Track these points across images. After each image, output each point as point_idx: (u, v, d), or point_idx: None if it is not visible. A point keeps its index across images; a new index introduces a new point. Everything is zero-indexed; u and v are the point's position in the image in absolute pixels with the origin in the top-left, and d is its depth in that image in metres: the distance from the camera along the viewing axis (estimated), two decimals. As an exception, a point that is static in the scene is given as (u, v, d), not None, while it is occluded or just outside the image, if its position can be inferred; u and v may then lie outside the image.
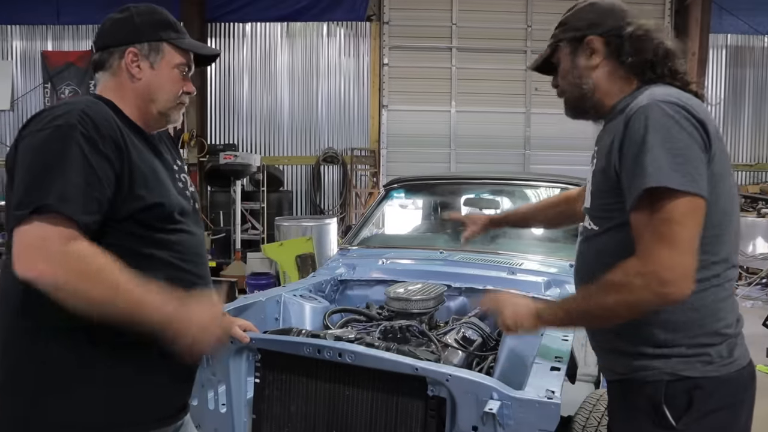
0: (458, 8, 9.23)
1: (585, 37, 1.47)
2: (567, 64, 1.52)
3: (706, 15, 8.88)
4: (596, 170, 1.44)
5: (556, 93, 1.59)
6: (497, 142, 9.29)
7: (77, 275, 1.24)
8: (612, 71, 1.47)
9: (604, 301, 1.31)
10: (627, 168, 1.29)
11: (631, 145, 1.28)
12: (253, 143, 9.55)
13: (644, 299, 1.26)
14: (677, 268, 1.22)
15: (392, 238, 3.96)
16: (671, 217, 1.23)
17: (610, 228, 1.41)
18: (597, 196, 1.44)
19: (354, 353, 1.77)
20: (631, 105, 1.34)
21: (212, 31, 9.47)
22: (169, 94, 1.52)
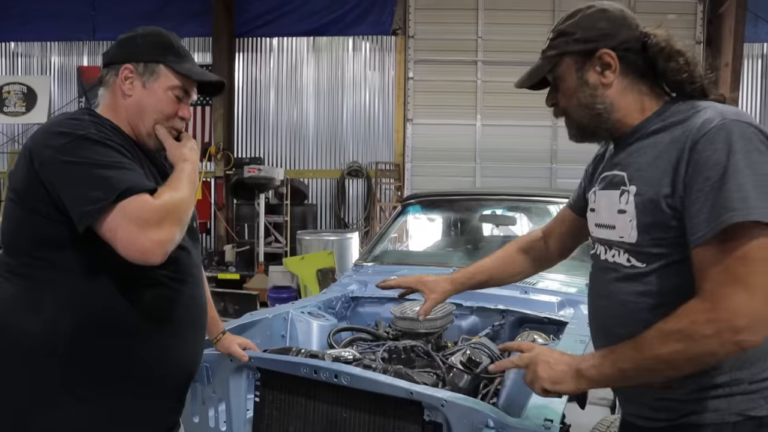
0: (484, 21, 9.20)
1: (597, 50, 1.28)
2: (573, 82, 1.31)
3: (740, 24, 8.64)
4: (643, 200, 1.23)
5: (553, 112, 1.40)
6: (523, 156, 9.18)
7: (180, 215, 1.35)
8: (629, 87, 1.30)
9: (661, 353, 1.11)
10: (699, 197, 1.11)
11: (704, 171, 1.11)
12: (278, 157, 9.65)
13: (712, 350, 1.08)
14: (756, 314, 1.05)
15: (407, 255, 3.93)
16: (748, 256, 1.06)
17: (663, 266, 1.21)
18: (648, 229, 1.22)
19: (350, 375, 1.74)
20: (689, 125, 1.18)
21: (240, 46, 9.64)
22: (159, 114, 1.52)
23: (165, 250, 1.31)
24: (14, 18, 9.78)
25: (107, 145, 1.35)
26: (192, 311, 1.57)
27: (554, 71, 1.35)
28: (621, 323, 1.29)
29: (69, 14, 9.56)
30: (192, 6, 9.40)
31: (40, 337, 1.35)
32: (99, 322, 1.38)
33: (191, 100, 1.60)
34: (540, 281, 2.93)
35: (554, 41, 1.34)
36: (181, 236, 1.37)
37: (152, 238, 1.28)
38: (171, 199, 1.34)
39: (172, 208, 1.33)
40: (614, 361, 1.19)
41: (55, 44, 10.02)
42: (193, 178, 1.48)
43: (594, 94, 1.30)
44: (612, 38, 1.28)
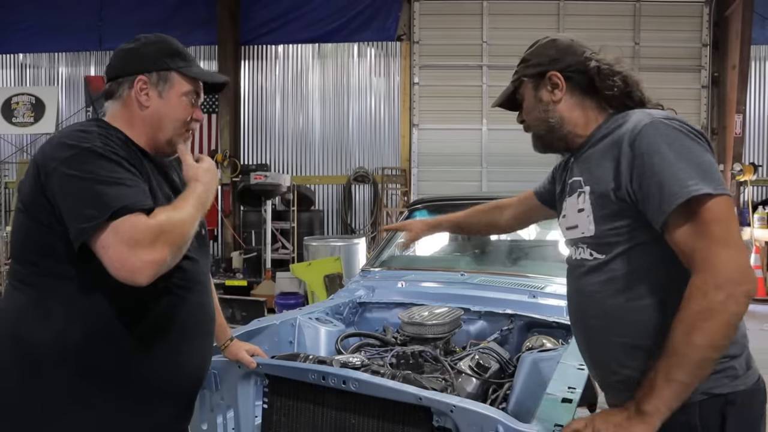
0: (488, 26, 9.22)
1: (546, 72, 1.49)
2: (531, 100, 1.53)
3: (747, 26, 8.61)
4: (596, 196, 1.39)
5: (523, 128, 1.61)
6: (530, 159, 8.99)
7: (175, 237, 1.31)
8: (577, 103, 1.49)
9: (697, 341, 1.16)
10: (651, 185, 1.25)
11: (648, 161, 1.26)
12: (284, 163, 9.68)
13: (735, 310, 1.16)
14: (743, 263, 1.18)
15: (414, 260, 3.91)
16: (719, 218, 1.19)
17: (621, 252, 1.35)
18: (603, 221, 1.37)
19: (358, 381, 1.73)
20: (624, 128, 1.34)
21: (246, 54, 9.69)
22: (177, 122, 1.54)
23: (154, 271, 1.28)
24: (23, 30, 9.90)
25: (111, 159, 1.34)
26: (199, 318, 1.57)
27: (517, 92, 1.57)
28: (592, 314, 1.42)
29: (76, 25, 9.66)
30: (198, 14, 9.47)
31: (51, 346, 1.36)
32: (107, 330, 1.38)
33: (200, 101, 1.61)
34: (548, 285, 2.91)
35: (518, 67, 1.57)
36: (176, 256, 1.34)
37: (142, 258, 1.25)
38: (168, 219, 1.32)
39: (167, 229, 1.30)
40: (666, 378, 1.19)
41: (62, 55, 10.11)
42: (203, 199, 1.45)
43: (546, 110, 1.50)
44: (558, 62, 1.49)
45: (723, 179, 1.23)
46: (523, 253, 3.61)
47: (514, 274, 3.12)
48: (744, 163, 8.66)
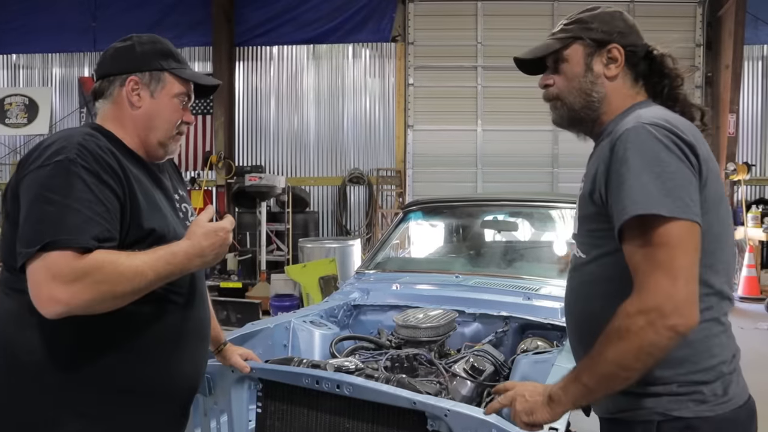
0: (483, 27, 9.22)
1: (610, 42, 1.37)
2: (579, 67, 1.39)
3: (740, 26, 8.65)
4: (582, 195, 1.34)
5: (544, 94, 1.45)
6: (524, 160, 9.17)
7: (97, 286, 1.26)
8: (624, 87, 1.39)
9: (608, 355, 1.15)
10: (614, 194, 1.20)
11: (616, 170, 1.20)
12: (279, 164, 9.66)
13: (651, 340, 1.11)
14: (679, 296, 1.10)
15: (409, 262, 3.91)
16: (667, 242, 1.13)
17: (598, 256, 1.31)
18: (584, 222, 1.35)
19: (352, 385, 1.73)
20: (617, 127, 1.27)
21: (240, 55, 9.67)
22: (168, 123, 1.52)
23: (62, 310, 1.24)
24: (16, 30, 9.83)
25: (79, 175, 1.30)
26: (194, 324, 1.56)
27: (560, 52, 1.41)
28: (569, 311, 1.42)
29: (70, 26, 9.61)
30: (192, 16, 9.44)
31: (41, 354, 1.34)
32: (98, 337, 1.37)
33: (191, 103, 1.60)
34: (542, 287, 2.92)
35: (569, 26, 1.42)
36: (104, 303, 1.28)
37: (53, 294, 1.23)
38: (99, 266, 1.26)
39: (93, 274, 1.25)
40: (576, 377, 1.23)
41: (56, 56, 10.06)
42: (178, 261, 1.37)
43: (595, 82, 1.38)
44: (624, 38, 1.38)
45: (694, 204, 1.15)
46: (518, 255, 3.61)
47: (509, 276, 3.13)
48: (737, 163, 8.70)
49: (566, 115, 1.43)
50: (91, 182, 1.31)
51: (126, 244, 1.38)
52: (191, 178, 9.30)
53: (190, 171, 9.47)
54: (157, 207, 1.47)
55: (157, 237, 1.42)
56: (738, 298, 8.06)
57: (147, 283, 1.32)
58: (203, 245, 1.40)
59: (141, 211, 1.39)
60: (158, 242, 1.42)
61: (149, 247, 1.41)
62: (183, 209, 1.62)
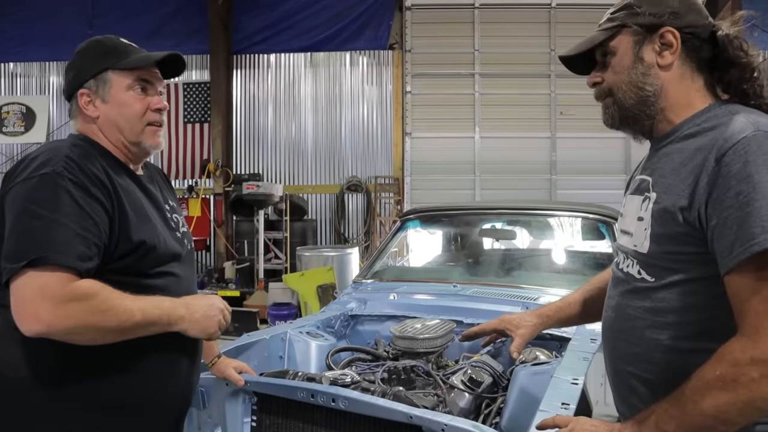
0: (480, 34, 9.23)
1: (661, 26, 1.18)
2: (628, 57, 1.21)
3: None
4: (659, 209, 1.14)
5: (595, 93, 1.29)
6: (523, 167, 9.16)
7: (84, 314, 1.23)
8: (684, 76, 1.20)
9: (706, 407, 0.99)
10: (726, 216, 1.01)
11: (732, 186, 1.01)
12: (277, 172, 9.64)
13: (763, 394, 0.96)
14: None
15: (406, 271, 3.89)
16: None
17: (676, 282, 1.12)
18: (661, 241, 1.14)
19: (348, 399, 1.70)
20: (717, 131, 1.08)
21: (238, 63, 9.67)
22: (131, 119, 1.47)
23: (38, 330, 1.21)
24: (13, 39, 9.84)
25: (66, 188, 1.28)
26: (184, 338, 1.53)
27: (607, 44, 1.25)
28: (624, 338, 1.22)
29: (67, 35, 9.60)
30: (189, 24, 9.45)
31: (29, 371, 1.32)
32: (87, 352, 1.34)
33: (160, 87, 1.53)
34: (542, 296, 2.89)
35: (615, 14, 1.25)
36: (79, 332, 1.25)
37: (37, 313, 1.20)
38: (95, 293, 1.25)
39: (85, 299, 1.23)
40: (656, 423, 1.06)
41: (53, 64, 10.06)
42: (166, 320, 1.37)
43: (647, 73, 1.21)
44: (679, 18, 1.19)
45: None
46: (517, 264, 3.59)
47: (507, 285, 3.10)
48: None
49: (617, 114, 1.27)
50: (78, 196, 1.28)
51: (115, 257, 1.36)
52: (189, 187, 9.29)
53: (187, 179, 9.45)
54: (146, 218, 1.44)
55: (147, 249, 1.40)
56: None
57: (133, 324, 1.30)
58: (197, 316, 1.42)
59: (130, 223, 1.37)
60: (148, 254, 1.40)
61: (140, 259, 1.39)
62: (174, 219, 1.59)
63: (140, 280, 1.41)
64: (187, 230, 1.64)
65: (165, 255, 1.46)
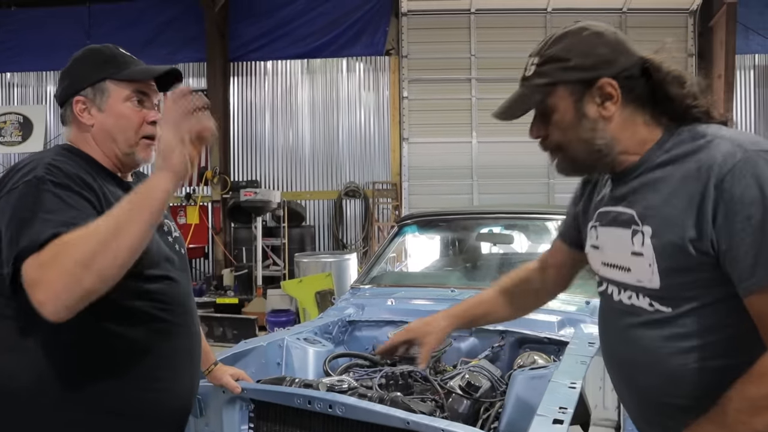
0: (476, 39, 9.27)
1: (597, 79, 1.15)
2: (570, 114, 1.18)
3: (731, 36, 8.71)
4: (662, 243, 1.12)
5: (541, 145, 1.26)
6: (520, 171, 9.17)
7: (60, 265, 1.13)
8: (630, 118, 1.17)
9: (757, 426, 1.00)
10: (741, 243, 1.02)
11: (742, 212, 1.01)
12: (275, 179, 9.65)
13: None
14: None
15: (404, 276, 3.89)
16: None
17: (692, 309, 1.11)
18: (671, 275, 1.12)
19: (345, 405, 1.70)
20: (705, 156, 1.08)
21: (235, 70, 9.69)
22: (128, 130, 1.46)
23: (50, 311, 1.13)
24: (10, 50, 9.87)
25: (47, 191, 1.25)
26: (184, 342, 1.53)
27: (545, 101, 1.20)
28: (646, 371, 1.19)
29: (64, 44, 9.60)
30: (186, 32, 9.47)
31: (26, 379, 1.31)
32: (86, 360, 1.34)
33: (156, 100, 1.52)
34: (539, 300, 2.89)
35: (543, 67, 1.20)
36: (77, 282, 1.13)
37: (36, 299, 1.13)
38: (56, 245, 1.15)
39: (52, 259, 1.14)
40: None
41: (50, 74, 10.08)
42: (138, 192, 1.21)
43: (594, 128, 1.17)
44: (612, 66, 1.15)
45: None
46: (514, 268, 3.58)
47: (505, 289, 3.09)
48: (732, 172, 8.71)
49: (571, 167, 1.25)
50: (61, 194, 1.26)
51: None
52: (186, 194, 9.28)
53: (185, 187, 9.45)
54: None
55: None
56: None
57: (116, 226, 1.15)
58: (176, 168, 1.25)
59: None
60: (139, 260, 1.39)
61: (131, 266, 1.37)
62: (165, 224, 1.59)
63: (138, 284, 1.40)
64: (179, 235, 1.64)
65: (157, 258, 1.45)
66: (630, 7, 9.11)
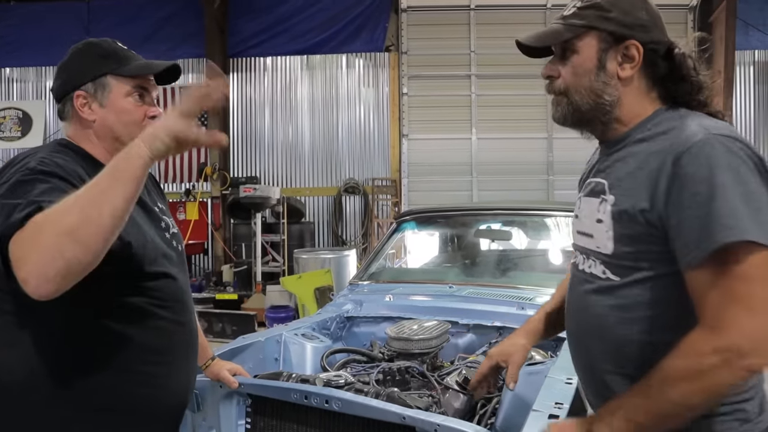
0: (476, 36, 9.25)
1: (629, 38, 1.19)
2: (591, 61, 1.21)
3: (730, 32, 8.68)
4: (619, 210, 1.18)
5: (547, 86, 1.29)
6: (520, 168, 9.17)
7: (38, 240, 1.09)
8: (641, 89, 1.22)
9: (673, 396, 1.04)
10: (686, 216, 1.06)
11: (690, 188, 1.06)
12: (274, 175, 9.64)
13: (726, 381, 1.02)
14: (759, 334, 1.01)
15: (402, 272, 3.89)
16: (747, 275, 1.01)
17: (638, 280, 1.16)
18: (623, 241, 1.18)
19: (341, 400, 1.70)
20: (671, 136, 1.13)
21: (234, 66, 9.67)
22: (130, 125, 1.46)
23: (32, 289, 1.08)
24: (9, 45, 9.84)
25: (39, 180, 1.22)
26: (181, 338, 1.53)
27: (572, 42, 1.23)
28: (596, 336, 1.25)
29: (63, 39, 9.47)
30: (185, 28, 9.45)
31: (21, 373, 1.32)
32: (81, 355, 1.34)
33: (155, 95, 1.52)
34: (537, 296, 2.89)
35: (584, 11, 1.22)
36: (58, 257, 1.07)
37: (21, 278, 1.09)
38: (36, 220, 1.11)
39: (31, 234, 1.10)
40: (625, 415, 1.10)
41: (49, 69, 10.05)
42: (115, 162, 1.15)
43: (607, 83, 1.21)
44: (646, 32, 1.20)
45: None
46: (513, 264, 3.59)
47: (503, 285, 3.10)
48: (732, 168, 8.71)
49: (570, 115, 1.27)
50: (50, 180, 1.23)
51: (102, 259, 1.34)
52: (186, 190, 9.28)
53: (185, 183, 9.45)
54: (131, 220, 1.43)
55: (134, 250, 1.38)
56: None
57: (97, 193, 1.12)
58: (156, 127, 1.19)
59: None
60: (136, 255, 1.39)
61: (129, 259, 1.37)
62: (164, 221, 1.59)
63: (135, 281, 1.40)
64: (177, 232, 1.64)
65: (155, 255, 1.45)
66: (630, 4, 9.09)
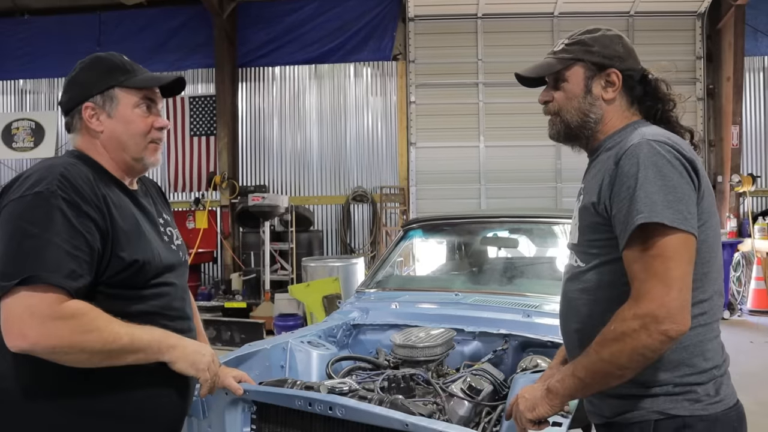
0: (483, 44, 9.27)
1: (608, 67, 1.45)
2: (579, 88, 1.47)
3: (739, 38, 8.65)
4: (583, 206, 1.42)
5: (544, 109, 1.53)
6: (528, 176, 9.16)
7: (69, 333, 1.25)
8: (620, 108, 1.47)
9: (604, 355, 1.26)
10: (620, 205, 1.28)
11: (623, 182, 1.28)
12: (283, 184, 9.69)
13: (645, 343, 1.21)
14: (672, 303, 1.20)
15: (409, 280, 3.90)
16: (663, 253, 1.22)
17: (597, 265, 1.39)
18: (584, 232, 1.42)
19: (345, 407, 1.71)
20: (622, 143, 1.36)
21: (243, 76, 9.76)
22: (136, 136, 1.51)
23: (23, 347, 1.25)
24: (22, 57, 10.01)
25: (59, 207, 1.30)
26: None
27: (561, 72, 1.49)
28: (570, 319, 1.46)
29: (75, 51, 9.72)
30: (195, 39, 9.55)
31: (25, 380, 1.33)
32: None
33: (160, 106, 1.57)
34: (543, 304, 2.89)
35: (571, 46, 1.49)
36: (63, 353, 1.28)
37: (23, 330, 1.23)
38: (82, 312, 1.28)
39: (71, 319, 1.26)
40: (572, 371, 1.33)
41: (61, 80, 10.15)
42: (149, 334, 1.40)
43: (593, 104, 1.46)
44: (622, 62, 1.46)
45: (692, 216, 1.24)
46: (519, 272, 3.59)
47: (509, 293, 3.10)
48: (742, 174, 8.65)
49: (563, 131, 1.51)
50: (70, 215, 1.30)
51: (109, 273, 1.37)
52: (195, 199, 9.35)
53: (194, 192, 9.52)
54: (140, 234, 1.46)
55: (141, 265, 1.42)
56: (747, 312, 7.98)
57: (119, 347, 1.33)
58: (188, 350, 1.47)
59: (122, 242, 1.39)
60: (142, 270, 1.42)
61: (135, 274, 1.40)
62: (168, 233, 1.61)
63: (137, 292, 1.43)
64: (182, 242, 1.66)
65: (159, 268, 1.48)
66: (637, 11, 9.07)
